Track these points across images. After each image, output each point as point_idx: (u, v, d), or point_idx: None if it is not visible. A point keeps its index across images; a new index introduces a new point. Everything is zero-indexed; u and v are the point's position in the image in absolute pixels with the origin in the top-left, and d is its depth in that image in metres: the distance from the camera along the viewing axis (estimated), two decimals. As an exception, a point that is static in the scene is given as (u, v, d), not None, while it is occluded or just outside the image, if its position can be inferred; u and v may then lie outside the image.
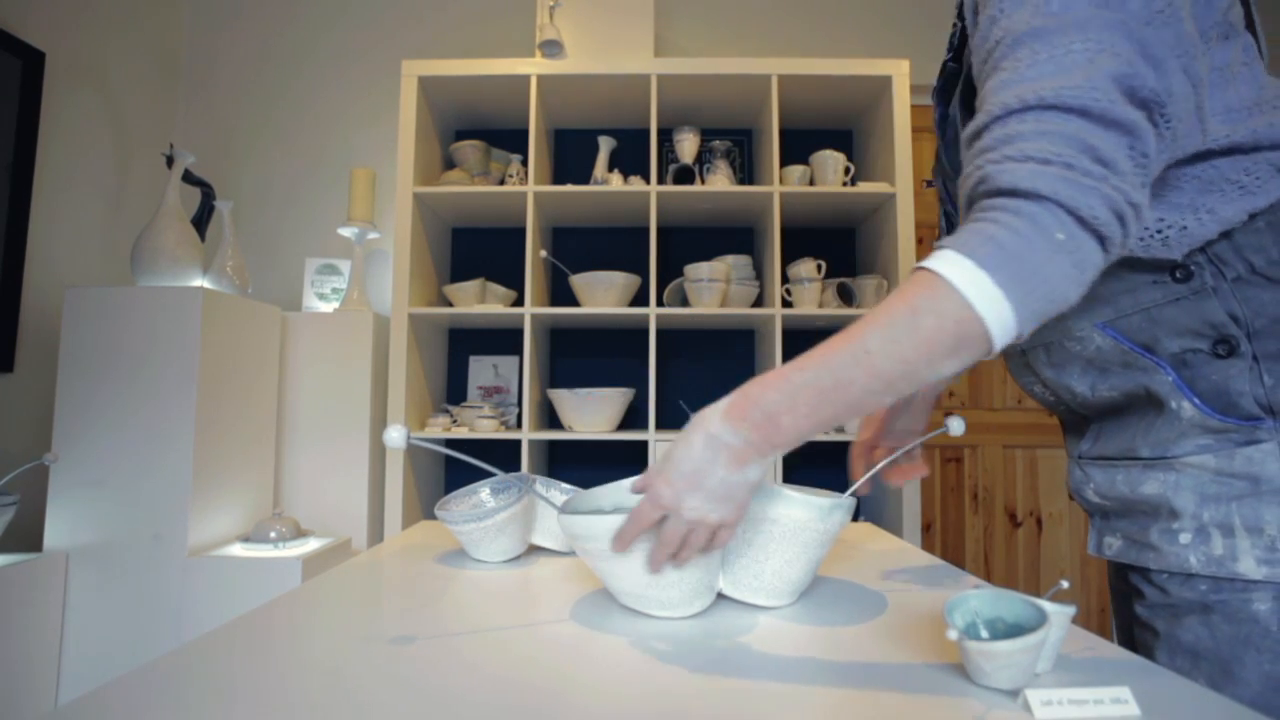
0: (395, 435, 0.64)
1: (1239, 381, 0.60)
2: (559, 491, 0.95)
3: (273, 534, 1.67)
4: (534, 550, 0.96)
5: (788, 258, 2.32)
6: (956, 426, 0.77)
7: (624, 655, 0.57)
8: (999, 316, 0.50)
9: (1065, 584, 0.59)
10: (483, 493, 0.96)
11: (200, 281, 1.81)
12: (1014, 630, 0.51)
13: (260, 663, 0.55)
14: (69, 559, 1.58)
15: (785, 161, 2.35)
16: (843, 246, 2.42)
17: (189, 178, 1.94)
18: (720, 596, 0.72)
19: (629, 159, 2.40)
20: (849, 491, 0.75)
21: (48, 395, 1.99)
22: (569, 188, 2.07)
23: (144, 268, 1.74)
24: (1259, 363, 0.59)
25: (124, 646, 1.56)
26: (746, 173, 2.44)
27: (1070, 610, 0.51)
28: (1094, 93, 0.51)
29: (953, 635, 0.48)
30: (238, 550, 1.64)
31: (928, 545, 2.48)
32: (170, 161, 1.88)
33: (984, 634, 0.52)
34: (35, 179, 1.96)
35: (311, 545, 1.72)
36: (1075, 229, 0.50)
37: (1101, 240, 0.51)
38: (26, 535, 1.84)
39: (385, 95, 2.52)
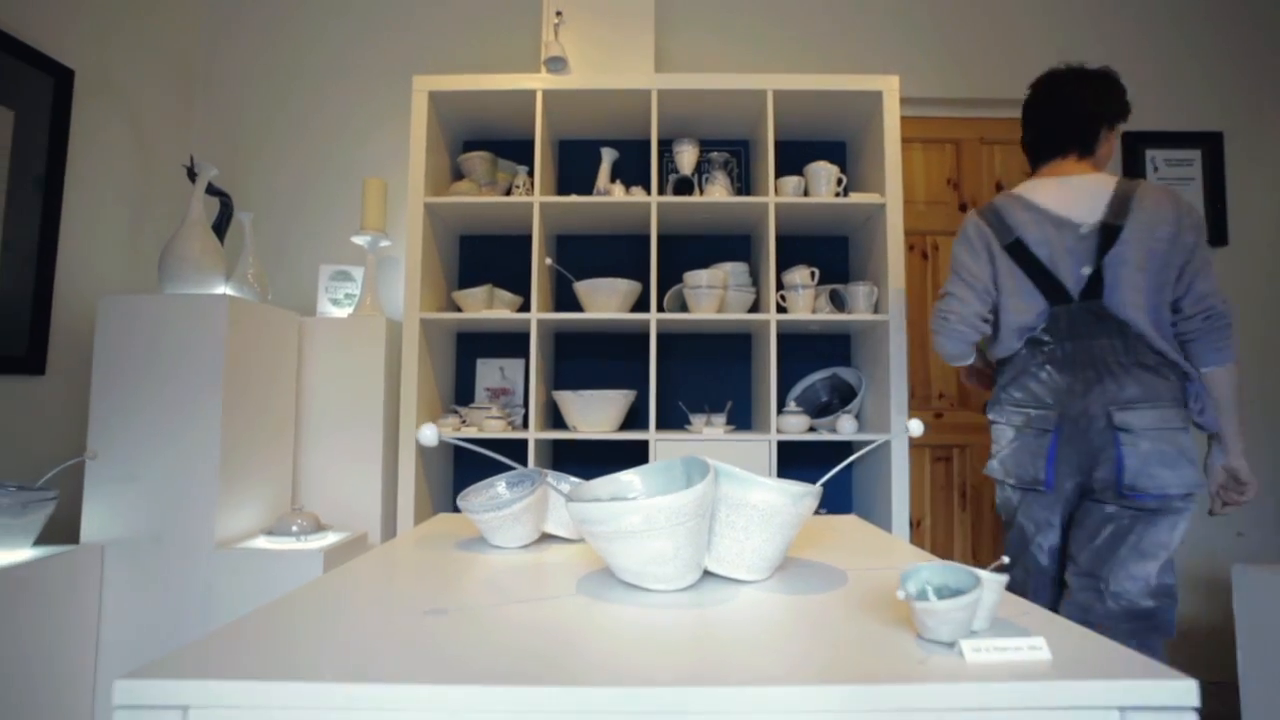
0: (429, 433, 0.73)
1: None
2: (568, 484, 1.05)
3: (294, 528, 1.77)
4: (546, 538, 1.06)
5: (782, 265, 2.42)
6: (915, 428, 0.86)
7: (625, 620, 0.67)
8: None
9: (1006, 560, 0.68)
10: (499, 486, 1.05)
11: (223, 288, 1.91)
12: (955, 594, 0.61)
13: (323, 624, 0.64)
14: (104, 551, 1.68)
15: (781, 172, 2.46)
16: (836, 254, 2.51)
17: (208, 188, 2.04)
18: (707, 573, 0.81)
19: (630, 169, 2.50)
20: (818, 483, 0.85)
21: (77, 397, 2.09)
22: (574, 198, 2.16)
23: (171, 276, 1.84)
24: None
25: (157, 632, 1.66)
26: (744, 182, 2.53)
27: (1002, 579, 0.61)
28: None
29: (900, 595, 0.57)
30: (262, 543, 1.74)
31: (917, 540, 2.58)
32: (192, 174, 1.98)
33: (931, 597, 0.62)
34: (65, 190, 2.06)
35: (330, 539, 1.82)
36: None
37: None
38: (65, 529, 1.94)
39: (395, 107, 2.62)
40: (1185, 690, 0.50)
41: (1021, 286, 1.46)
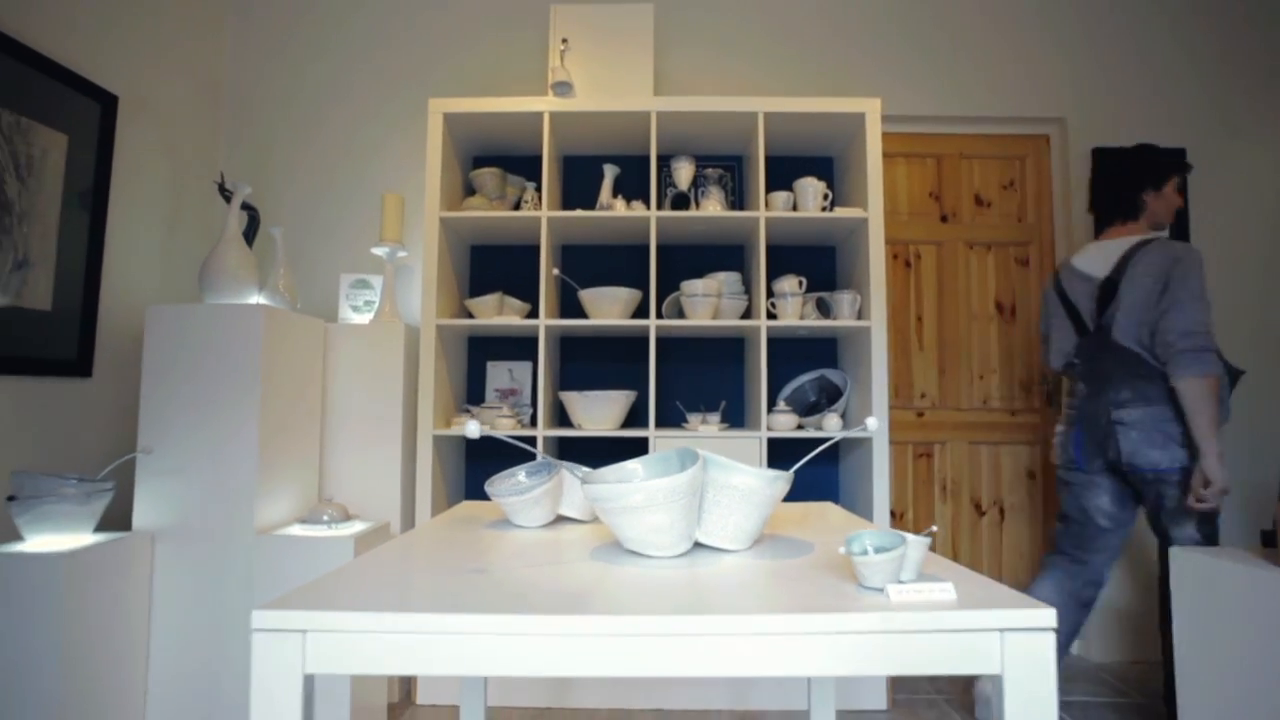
0: (473, 428, 0.90)
1: None
2: (581, 472, 1.22)
3: (325, 517, 1.94)
4: (561, 519, 1.23)
5: (773, 274, 2.60)
6: (872, 425, 1.02)
7: (630, 576, 0.84)
8: None
9: (935, 529, 0.86)
10: (520, 475, 1.22)
11: (256, 298, 2.08)
12: (887, 551, 0.78)
13: (392, 577, 0.81)
14: (155, 537, 1.85)
15: (772, 186, 2.63)
16: (823, 263, 2.68)
17: (226, 194, 2.21)
18: (697, 545, 0.99)
19: (631, 183, 2.67)
20: (792, 469, 1.01)
21: (121, 398, 2.27)
22: (579, 213, 2.33)
23: (210, 286, 2.01)
24: None
25: (204, 611, 1.83)
26: (737, 195, 2.70)
27: (925, 540, 0.78)
28: None
29: (842, 550, 0.75)
30: (296, 530, 1.91)
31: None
32: (223, 191, 2.15)
33: (870, 554, 0.79)
34: (109, 207, 2.23)
35: (357, 527, 1.99)
36: None
37: None
38: (118, 517, 2.12)
39: (409, 123, 2.79)
40: (1046, 615, 0.67)
41: (1062, 324, 2.04)
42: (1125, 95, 2.80)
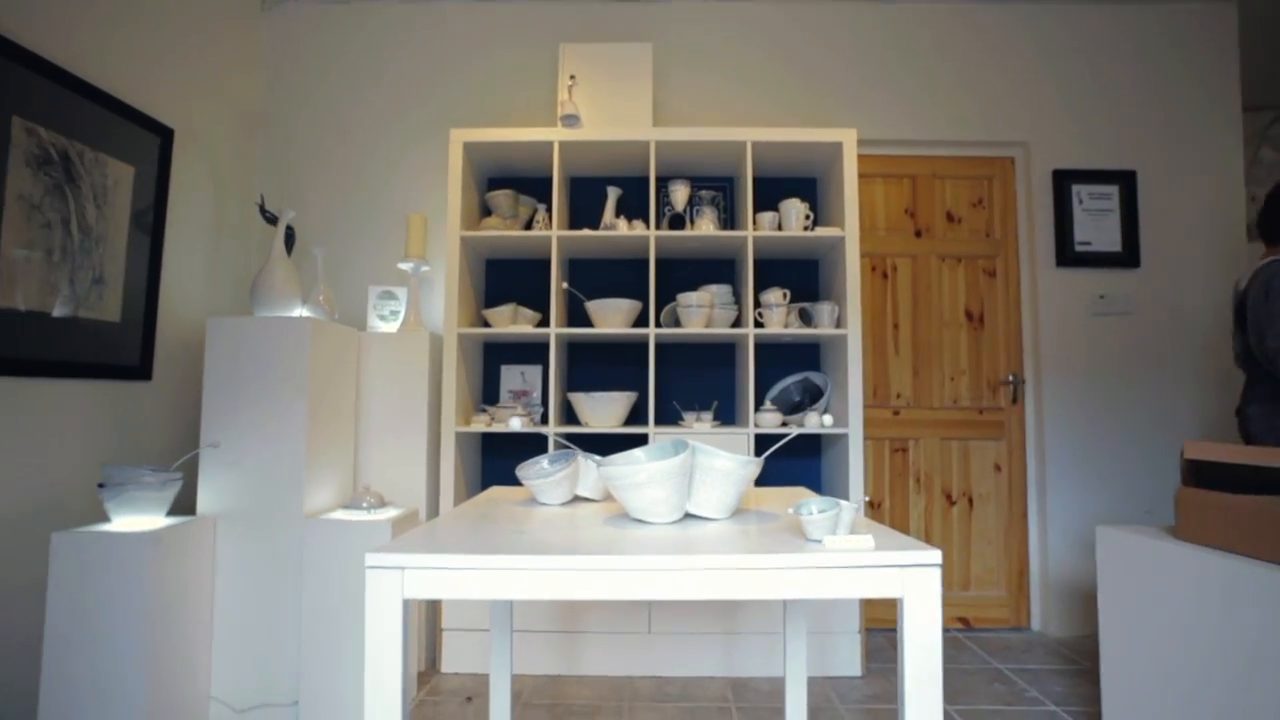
0: (516, 423, 1.17)
1: None
2: (595, 460, 1.48)
3: (364, 503, 2.20)
4: (577, 499, 1.49)
5: (760, 286, 2.86)
6: (828, 421, 1.28)
7: (635, 535, 1.10)
8: None
9: (867, 498, 1.12)
10: (544, 462, 1.49)
11: (299, 310, 2.35)
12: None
13: (455, 537, 1.08)
14: (216, 521, 2.12)
15: (760, 206, 2.90)
16: (806, 276, 2.95)
17: (273, 220, 2.47)
18: (688, 514, 1.25)
19: (632, 203, 2.94)
20: (762, 456, 1.27)
21: (176, 398, 2.53)
22: (585, 232, 2.59)
23: (260, 301, 2.28)
24: None
25: (260, 585, 2.09)
26: (729, 214, 2.97)
27: (854, 505, 1.04)
28: None
29: (790, 511, 1.01)
30: (340, 515, 2.17)
31: (876, 519, 3.02)
32: (264, 212, 2.41)
33: (814, 514, 1.05)
34: (166, 228, 2.49)
35: (392, 512, 2.25)
36: None
37: None
38: (184, 504, 2.39)
39: (429, 148, 3.06)
40: (934, 555, 0.93)
41: (1236, 330, 2.23)
42: (1082, 122, 3.07)
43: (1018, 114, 3.08)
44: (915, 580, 0.94)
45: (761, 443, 2.77)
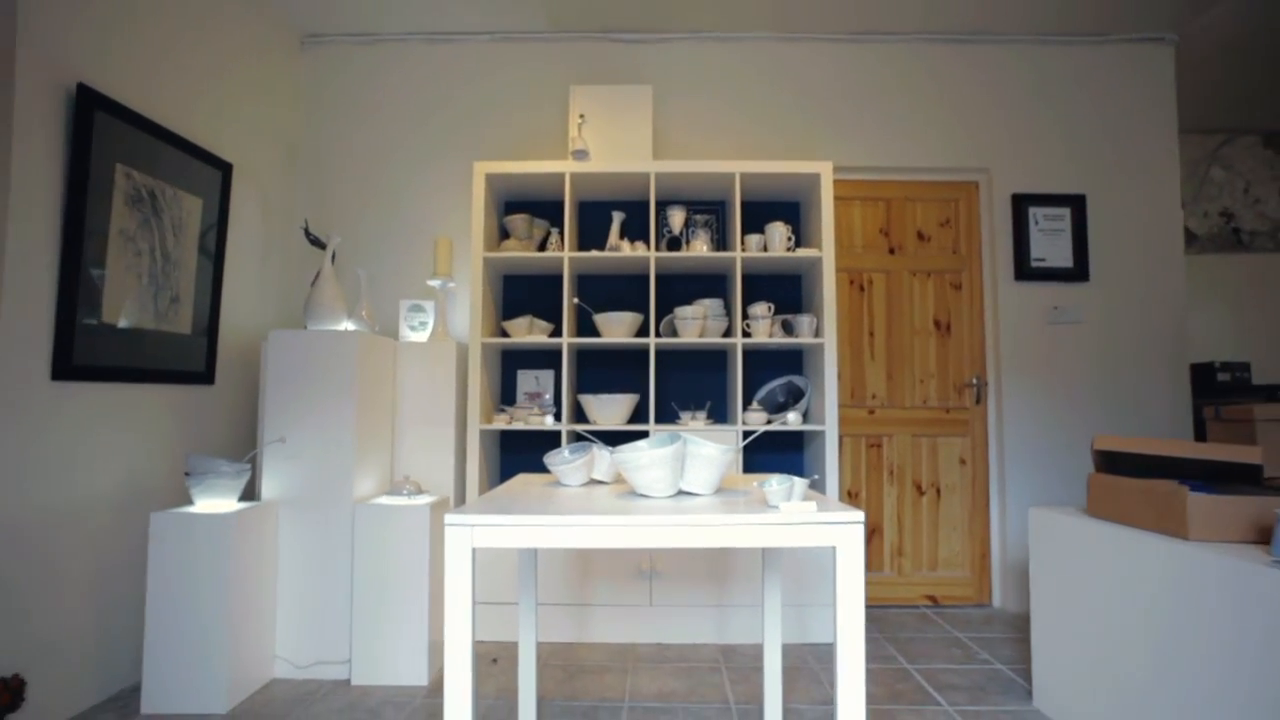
0: (550, 420, 1.51)
1: None
2: (607, 450, 1.84)
3: (405, 490, 2.55)
4: (592, 482, 1.84)
5: (748, 300, 3.21)
6: (792, 419, 1.63)
7: (642, 504, 1.45)
8: None
9: (815, 476, 1.48)
10: (565, 452, 1.84)
11: (346, 323, 2.69)
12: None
13: (505, 505, 1.43)
14: (279, 506, 2.46)
15: (749, 228, 3.25)
16: (789, 291, 3.30)
17: (316, 241, 2.82)
18: (681, 491, 1.60)
19: (635, 225, 3.29)
20: (740, 445, 1.62)
21: (235, 400, 2.88)
22: (593, 253, 2.94)
23: (313, 315, 2.62)
24: None
25: (316, 561, 2.44)
26: (720, 235, 3.32)
27: (805, 481, 1.39)
28: None
29: (755, 485, 1.36)
30: (384, 500, 2.52)
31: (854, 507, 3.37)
32: (309, 236, 2.76)
33: (774, 488, 1.40)
34: (226, 251, 2.84)
35: (429, 498, 2.60)
36: None
37: None
38: (251, 491, 2.73)
39: (451, 175, 3.41)
40: (857, 515, 1.28)
41: None
42: (1038, 150, 3.42)
43: (981, 144, 3.43)
44: (845, 533, 1.29)
45: (748, 438, 3.12)
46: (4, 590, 1.91)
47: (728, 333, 3.10)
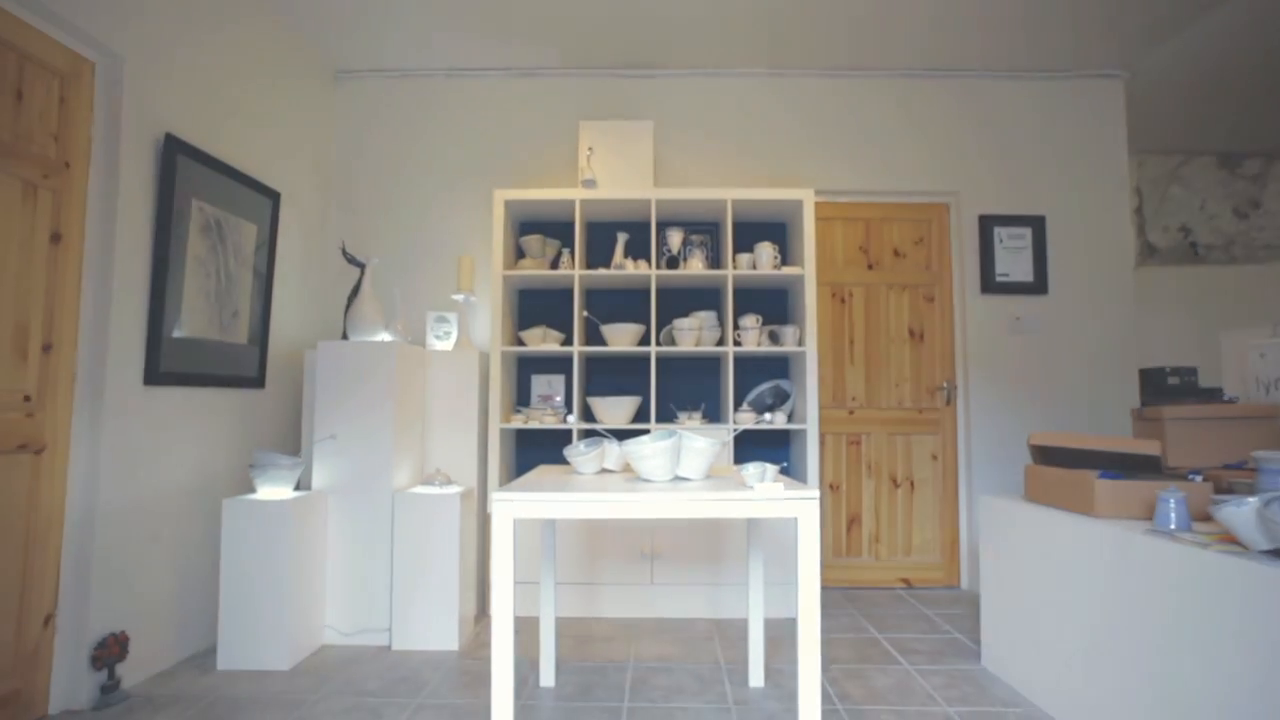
0: (572, 419, 1.86)
1: None
2: (617, 444, 2.19)
3: (437, 481, 2.91)
4: (603, 470, 2.20)
5: (739, 312, 3.57)
6: (767, 418, 1.98)
7: (645, 486, 1.81)
8: None
9: (785, 464, 1.83)
10: (581, 445, 2.20)
11: (383, 334, 3.05)
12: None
13: (540, 486, 1.79)
14: (328, 495, 2.82)
15: (740, 247, 3.61)
16: (776, 304, 3.66)
17: (353, 261, 3.18)
18: (677, 477, 1.96)
19: (637, 244, 3.65)
20: (727, 439, 1.97)
21: (284, 401, 3.24)
22: (600, 271, 3.30)
23: (354, 327, 2.98)
24: None
25: (361, 545, 2.80)
26: (714, 253, 3.68)
27: (775, 467, 1.75)
28: None
29: (736, 469, 1.72)
30: (419, 490, 2.88)
31: (835, 501, 3.72)
32: (345, 255, 3.12)
33: (750, 472, 1.76)
34: (275, 270, 3.20)
35: (458, 488, 2.96)
36: None
37: None
38: (303, 482, 3.09)
39: (470, 199, 3.77)
40: (814, 493, 1.64)
41: None
42: (1003, 176, 3.78)
43: (951, 169, 3.79)
44: (805, 507, 1.65)
45: (740, 436, 3.48)
46: (114, 562, 2.27)
47: (720, 342, 3.45)
